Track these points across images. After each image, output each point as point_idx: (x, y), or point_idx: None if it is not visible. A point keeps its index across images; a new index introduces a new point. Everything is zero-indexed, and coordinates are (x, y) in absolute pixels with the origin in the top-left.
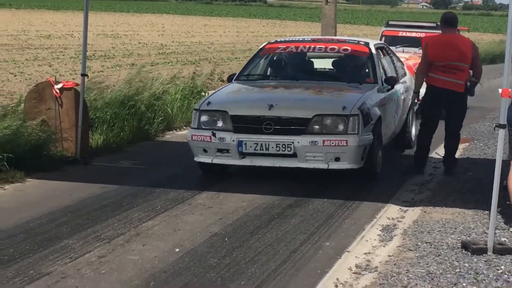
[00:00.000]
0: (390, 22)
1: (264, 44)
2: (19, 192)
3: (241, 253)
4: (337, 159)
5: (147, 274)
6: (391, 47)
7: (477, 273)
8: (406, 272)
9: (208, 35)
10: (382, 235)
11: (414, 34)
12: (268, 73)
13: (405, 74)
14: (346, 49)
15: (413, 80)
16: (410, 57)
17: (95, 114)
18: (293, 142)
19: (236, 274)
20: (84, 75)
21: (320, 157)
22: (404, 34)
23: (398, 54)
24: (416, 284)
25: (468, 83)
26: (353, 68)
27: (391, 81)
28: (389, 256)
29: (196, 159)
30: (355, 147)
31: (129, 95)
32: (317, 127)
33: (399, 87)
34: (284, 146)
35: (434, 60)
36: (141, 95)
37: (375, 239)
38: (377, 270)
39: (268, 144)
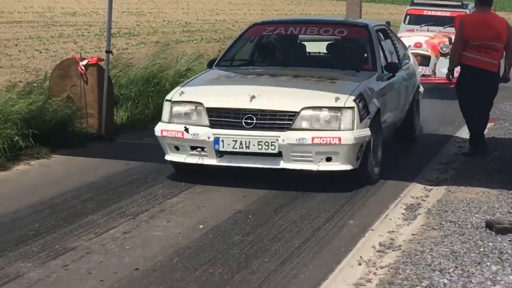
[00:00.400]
0: (415, 1)
1: (250, 25)
2: (45, 168)
3: (264, 231)
4: (328, 159)
5: (171, 250)
6: (416, 26)
7: (501, 253)
8: (430, 251)
9: (233, 13)
10: (406, 213)
11: (439, 13)
12: (254, 59)
13: (408, 59)
14: (342, 31)
15: (417, 65)
16: (435, 36)
17: (119, 91)
18: (277, 140)
19: (260, 251)
20: (108, 52)
21: (309, 156)
22: (429, 12)
23: (423, 33)
24: (440, 262)
25: (502, 69)
26: (350, 53)
27: (393, 68)
28: (413, 234)
29: (167, 157)
30: (349, 145)
31: (153, 73)
32: (305, 121)
33: (401, 75)
34: (267, 144)
35: (469, 39)
36: (166, 72)
37: (399, 218)
38: (400, 249)
39: (249, 142)
